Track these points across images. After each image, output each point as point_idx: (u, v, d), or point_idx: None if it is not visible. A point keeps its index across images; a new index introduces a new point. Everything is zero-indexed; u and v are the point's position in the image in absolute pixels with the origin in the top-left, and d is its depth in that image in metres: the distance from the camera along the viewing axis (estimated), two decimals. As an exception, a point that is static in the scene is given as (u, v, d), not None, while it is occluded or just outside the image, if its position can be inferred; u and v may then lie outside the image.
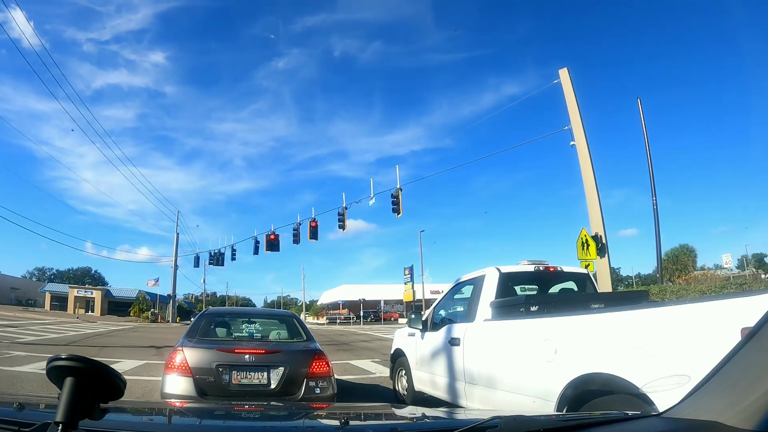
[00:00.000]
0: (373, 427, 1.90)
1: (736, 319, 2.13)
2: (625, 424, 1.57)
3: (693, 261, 58.72)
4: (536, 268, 5.22)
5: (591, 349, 3.09)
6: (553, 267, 5.35)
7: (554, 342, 3.43)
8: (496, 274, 4.94)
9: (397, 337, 7.08)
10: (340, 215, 21.23)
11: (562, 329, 3.47)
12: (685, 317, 2.63)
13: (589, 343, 3.15)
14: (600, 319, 3.27)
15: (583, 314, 3.56)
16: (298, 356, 4.85)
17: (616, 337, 2.93)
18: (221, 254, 32.48)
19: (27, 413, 1.41)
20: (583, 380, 3.04)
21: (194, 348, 4.66)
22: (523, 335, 3.92)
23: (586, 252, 12.06)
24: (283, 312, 7.35)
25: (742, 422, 1.16)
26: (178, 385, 4.39)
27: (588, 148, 15.09)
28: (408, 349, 6.44)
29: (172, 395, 4.35)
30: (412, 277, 49.29)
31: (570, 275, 5.55)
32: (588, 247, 12.04)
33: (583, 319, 3.43)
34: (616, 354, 2.86)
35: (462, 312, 5.40)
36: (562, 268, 5.44)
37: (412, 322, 6.13)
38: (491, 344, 4.38)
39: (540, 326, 3.73)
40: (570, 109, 15.50)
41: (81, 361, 1.07)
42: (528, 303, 4.23)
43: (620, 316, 3.14)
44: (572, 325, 3.43)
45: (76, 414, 1.08)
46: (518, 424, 1.47)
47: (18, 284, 63.62)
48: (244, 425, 2.10)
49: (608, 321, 3.16)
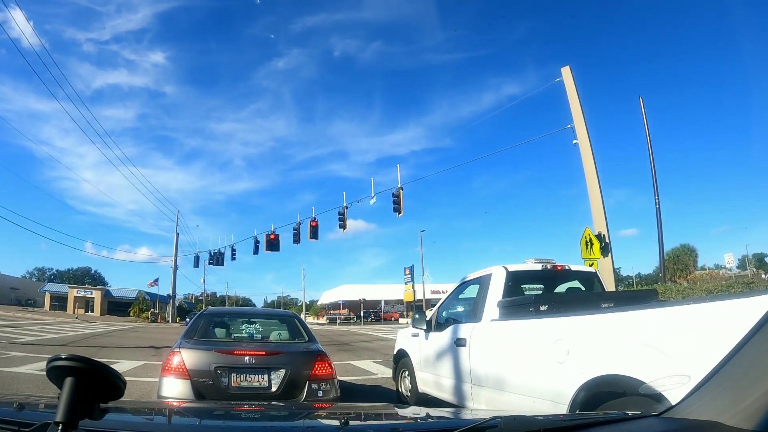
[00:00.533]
0: (373, 427, 1.90)
1: (750, 318, 1.96)
2: (625, 424, 1.57)
3: (694, 261, 58.54)
4: (543, 266, 5.10)
5: (605, 350, 2.98)
6: (560, 266, 5.24)
7: (566, 343, 3.32)
8: (503, 272, 4.83)
9: (400, 337, 6.98)
10: (341, 215, 21.13)
11: (575, 329, 3.36)
12: (700, 316, 2.55)
13: (603, 343, 3.04)
14: (614, 319, 3.16)
15: (596, 314, 3.46)
16: (300, 358, 4.66)
17: (631, 337, 2.83)
18: (221, 254, 32.44)
19: (27, 413, 1.41)
20: (597, 382, 2.94)
21: (192, 349, 4.48)
22: (532, 336, 3.82)
23: (590, 251, 11.91)
24: (283, 312, 7.15)
25: (742, 422, 1.15)
26: (175, 388, 4.21)
27: (591, 147, 14.99)
28: (411, 350, 6.34)
29: (169, 399, 4.17)
30: (412, 277, 49.19)
31: (577, 274, 5.45)
32: (592, 246, 11.89)
33: (596, 318, 3.33)
34: (630, 355, 2.76)
35: (468, 312, 5.30)
36: (569, 266, 5.34)
37: (416, 322, 6.02)
38: (499, 345, 4.27)
39: (551, 326, 3.63)
40: (572, 108, 15.41)
41: (81, 361, 1.07)
42: (538, 302, 4.12)
43: (634, 315, 3.05)
44: (585, 325, 3.33)
45: (76, 414, 1.07)
46: (518, 424, 1.45)
47: (18, 284, 63.56)
48: (244, 425, 2.09)
49: (622, 321, 3.06)
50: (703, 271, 52.73)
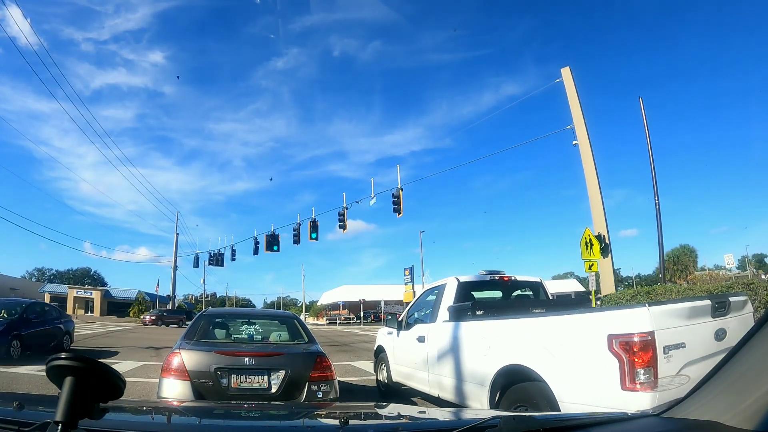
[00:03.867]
0: (373, 427, 1.91)
1: (603, 328, 3.05)
2: (625, 423, 1.59)
3: (694, 261, 58.45)
4: (491, 277, 5.99)
5: (513, 346, 3.99)
6: (507, 276, 6.10)
7: (488, 340, 4.32)
8: (455, 282, 5.71)
9: (379, 335, 7.88)
10: (341, 215, 21.11)
11: (494, 330, 4.36)
12: (569, 325, 3.50)
13: (511, 341, 4.05)
14: (520, 323, 4.13)
15: (508, 318, 4.49)
16: (300, 359, 4.65)
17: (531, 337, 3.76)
18: (221, 254, 32.40)
19: (27, 413, 1.41)
20: (507, 370, 3.92)
21: (192, 350, 4.49)
22: (469, 334, 4.76)
23: (590, 252, 11.88)
24: (283, 313, 7.06)
25: (742, 422, 1.15)
26: (175, 389, 4.22)
27: (591, 147, 14.99)
28: (387, 346, 7.24)
29: (169, 400, 4.16)
30: (412, 277, 49.04)
31: (525, 283, 6.33)
32: (592, 247, 11.86)
33: (507, 322, 4.37)
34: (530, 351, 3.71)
35: (427, 314, 6.09)
36: (515, 277, 6.16)
37: (389, 323, 7.17)
38: (448, 341, 5.12)
39: (480, 327, 4.61)
40: (572, 109, 15.41)
41: (81, 361, 1.07)
42: (474, 308, 4.96)
43: (531, 321, 4.05)
44: (501, 327, 4.35)
45: (76, 413, 1.08)
46: (517, 424, 1.47)
47: (17, 285, 63.29)
48: (244, 425, 2.09)
49: (524, 325, 4.04)
50: (703, 271, 52.71)
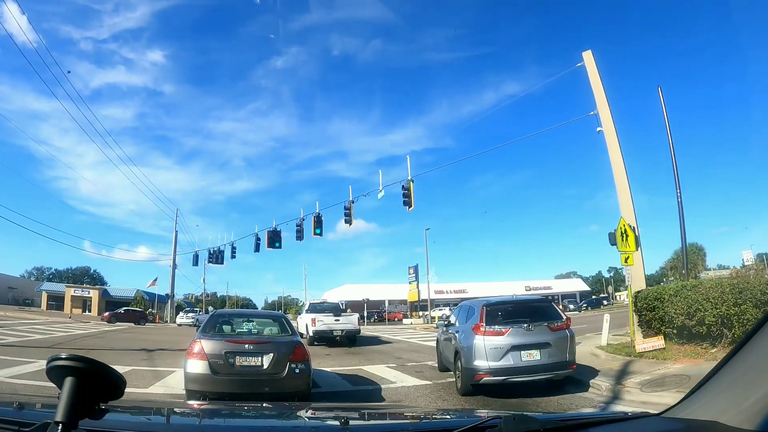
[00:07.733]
0: (373, 427, 1.97)
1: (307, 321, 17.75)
2: (625, 423, 1.61)
3: (702, 260, 57.68)
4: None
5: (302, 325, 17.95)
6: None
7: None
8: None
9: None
10: (347, 209, 20.20)
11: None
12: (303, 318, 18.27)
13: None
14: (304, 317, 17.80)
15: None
16: (284, 346, 6.35)
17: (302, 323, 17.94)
18: (221, 252, 31.51)
19: (27, 413, 1.43)
20: None
21: (209, 340, 6.25)
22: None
23: (625, 243, 10.72)
24: (274, 313, 10.24)
25: (743, 422, 1.14)
26: (197, 367, 5.87)
27: (616, 133, 14.02)
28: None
29: (193, 374, 5.83)
30: (416, 276, 48.16)
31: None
32: (627, 238, 10.75)
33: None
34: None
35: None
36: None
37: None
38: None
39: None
40: (596, 94, 14.62)
41: (81, 361, 1.07)
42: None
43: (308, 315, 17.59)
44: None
45: (76, 414, 1.08)
46: (517, 424, 1.46)
47: (16, 283, 62.63)
48: (244, 425, 2.13)
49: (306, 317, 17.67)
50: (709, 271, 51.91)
